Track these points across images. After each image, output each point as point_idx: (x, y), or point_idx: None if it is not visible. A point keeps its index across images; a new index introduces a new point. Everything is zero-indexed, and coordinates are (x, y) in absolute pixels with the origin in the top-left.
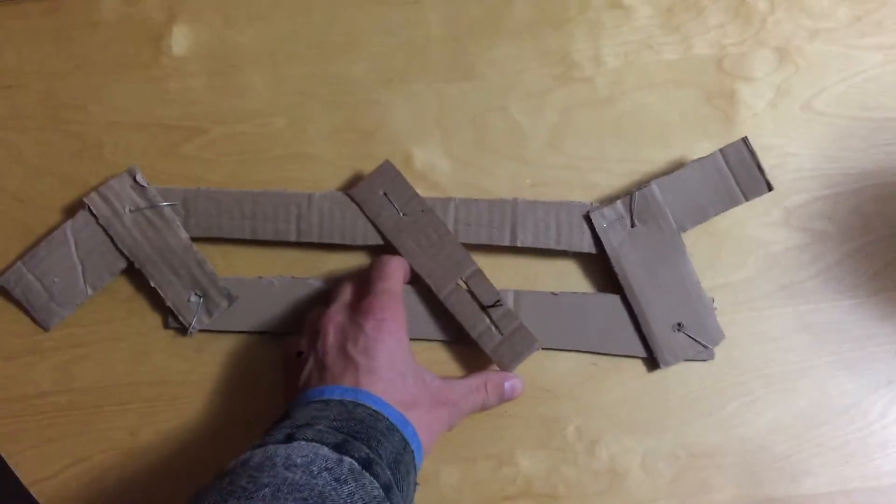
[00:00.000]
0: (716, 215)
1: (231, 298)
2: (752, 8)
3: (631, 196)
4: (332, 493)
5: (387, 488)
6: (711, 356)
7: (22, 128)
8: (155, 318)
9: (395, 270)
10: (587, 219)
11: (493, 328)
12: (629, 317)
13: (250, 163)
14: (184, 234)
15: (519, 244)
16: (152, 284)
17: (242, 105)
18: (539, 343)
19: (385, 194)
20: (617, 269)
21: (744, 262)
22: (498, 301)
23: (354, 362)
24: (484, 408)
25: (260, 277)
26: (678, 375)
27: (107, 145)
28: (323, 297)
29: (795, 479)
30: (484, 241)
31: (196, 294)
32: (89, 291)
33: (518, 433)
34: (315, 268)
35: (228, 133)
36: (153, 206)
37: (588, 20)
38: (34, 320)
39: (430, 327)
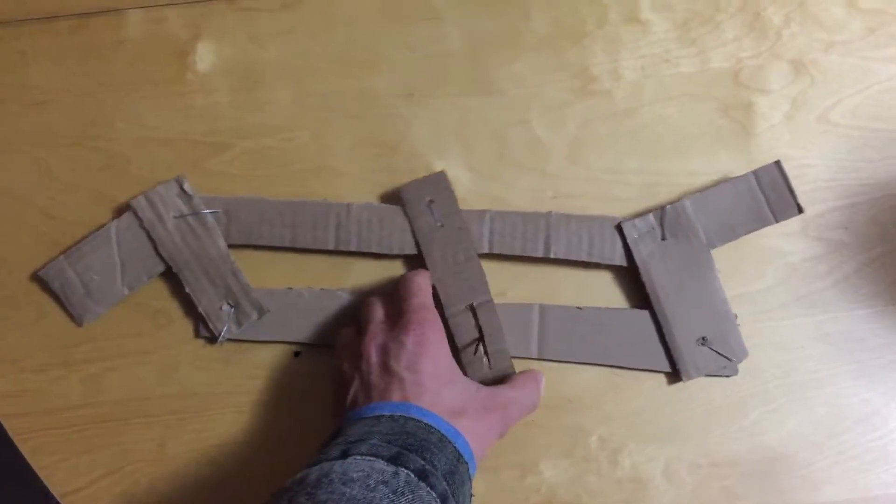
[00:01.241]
0: (745, 234)
1: (262, 311)
2: (768, 22)
3: (662, 210)
4: None
5: (443, 498)
6: (735, 372)
7: (51, 144)
8: (183, 331)
9: (425, 285)
10: (619, 230)
11: (485, 360)
12: (655, 330)
13: (274, 177)
14: (222, 244)
15: (552, 255)
16: (187, 290)
17: (266, 120)
18: None
19: (430, 202)
20: (645, 281)
21: (763, 273)
22: (499, 338)
23: (400, 377)
24: (535, 408)
25: (290, 289)
26: (699, 385)
27: (133, 161)
28: (351, 315)
29: (817, 488)
30: (518, 252)
31: (228, 303)
32: (126, 291)
33: (542, 443)
34: (345, 276)
35: (253, 148)
36: (196, 213)
37: (606, 35)
38: (69, 315)
39: None
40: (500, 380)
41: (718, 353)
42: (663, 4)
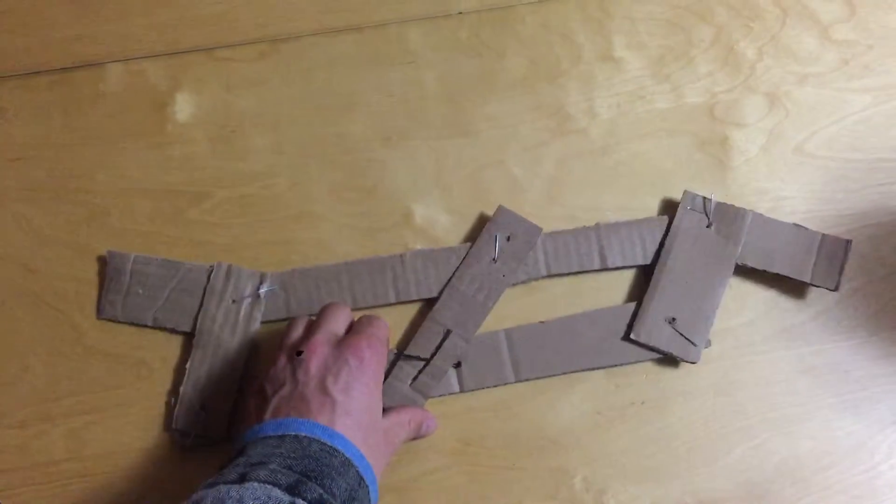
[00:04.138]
0: (777, 272)
1: (210, 441)
2: (741, 56)
3: (724, 204)
4: None
5: None
6: (688, 356)
7: (31, 199)
8: (163, 383)
9: (386, 330)
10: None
11: (413, 378)
12: (616, 325)
13: (255, 224)
14: (241, 359)
15: (609, 266)
16: (186, 365)
17: (245, 168)
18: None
19: (508, 237)
20: (665, 247)
21: (743, 306)
22: (445, 374)
23: (332, 399)
24: (404, 442)
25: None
26: (683, 422)
27: (114, 212)
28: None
29: None
30: (575, 268)
31: (203, 406)
32: (150, 321)
33: (526, 485)
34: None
35: (232, 196)
36: (254, 294)
37: (580, 73)
38: (98, 301)
39: None
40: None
41: (681, 335)
42: (637, 42)
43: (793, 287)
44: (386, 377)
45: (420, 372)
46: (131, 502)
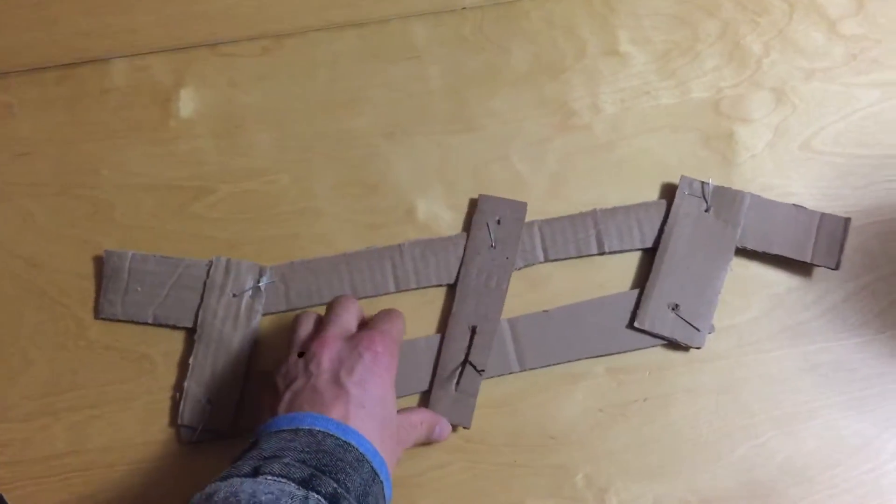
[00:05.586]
0: (776, 253)
1: (224, 434)
2: (747, 51)
3: (721, 187)
4: None
5: None
6: (692, 342)
7: (36, 194)
8: (166, 378)
9: (402, 326)
10: (670, 193)
11: (455, 382)
12: (619, 312)
13: (258, 220)
14: (246, 348)
15: (607, 250)
16: (190, 360)
17: (248, 163)
18: (468, 426)
19: (498, 221)
20: (665, 233)
21: (748, 304)
22: (482, 370)
23: (346, 391)
24: (415, 444)
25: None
26: (686, 420)
27: (118, 207)
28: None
29: None
30: (573, 254)
31: (209, 400)
32: (150, 318)
33: (527, 482)
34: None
35: (236, 191)
36: (254, 286)
37: (585, 68)
38: (96, 300)
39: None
40: (455, 408)
41: (685, 321)
42: (642, 37)
43: (798, 284)
44: (430, 388)
45: (461, 374)
46: (133, 495)
